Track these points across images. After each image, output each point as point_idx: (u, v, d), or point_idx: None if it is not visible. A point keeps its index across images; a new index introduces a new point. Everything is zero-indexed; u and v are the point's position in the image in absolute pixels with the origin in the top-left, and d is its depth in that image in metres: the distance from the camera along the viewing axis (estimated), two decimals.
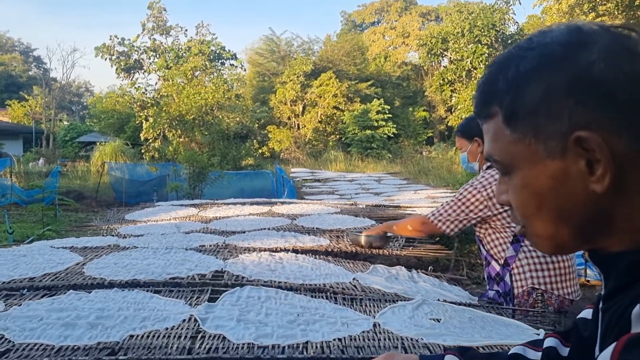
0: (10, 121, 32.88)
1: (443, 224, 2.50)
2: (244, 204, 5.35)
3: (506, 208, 0.69)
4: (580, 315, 0.82)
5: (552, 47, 0.61)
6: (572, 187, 0.60)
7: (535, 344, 0.86)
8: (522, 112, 0.62)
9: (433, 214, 2.54)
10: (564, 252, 0.71)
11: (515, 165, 0.64)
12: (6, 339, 1.50)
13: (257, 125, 26.27)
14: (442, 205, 2.55)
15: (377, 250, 3.21)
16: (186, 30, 29.31)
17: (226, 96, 22.93)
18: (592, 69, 0.58)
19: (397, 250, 3.24)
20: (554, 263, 2.32)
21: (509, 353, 0.88)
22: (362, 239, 3.20)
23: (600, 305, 0.66)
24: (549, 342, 0.84)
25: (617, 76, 0.58)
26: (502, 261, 2.43)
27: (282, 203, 5.46)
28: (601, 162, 0.58)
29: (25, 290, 2.01)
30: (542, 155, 0.61)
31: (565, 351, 0.82)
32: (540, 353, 0.84)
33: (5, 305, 1.80)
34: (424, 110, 31.47)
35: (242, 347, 1.50)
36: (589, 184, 0.59)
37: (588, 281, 4.98)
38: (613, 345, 0.55)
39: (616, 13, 19.86)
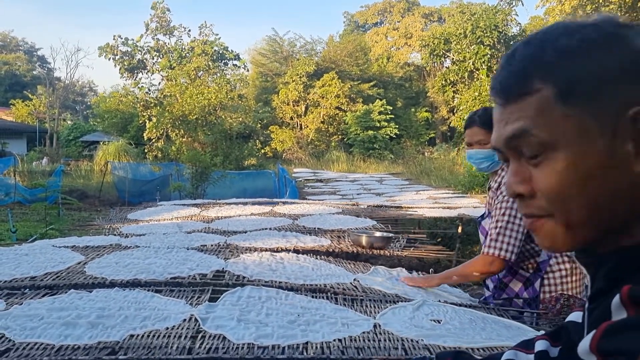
0: (14, 120, 32.94)
1: (506, 251, 2.26)
2: (245, 204, 5.36)
3: None
4: (569, 318, 0.82)
5: (605, 28, 0.62)
6: (616, 171, 0.60)
7: (527, 346, 0.85)
8: (578, 87, 0.60)
9: (492, 248, 2.29)
10: (580, 246, 0.65)
11: (561, 143, 0.61)
12: (7, 338, 1.51)
13: (259, 125, 26.27)
14: (490, 237, 2.32)
15: (378, 251, 3.21)
16: (189, 30, 29.38)
17: (229, 96, 22.94)
18: None
19: (398, 251, 3.24)
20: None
21: (502, 359, 0.87)
22: (364, 239, 3.20)
23: (587, 305, 0.66)
24: (540, 345, 0.83)
25: None
26: (532, 267, 2.37)
27: (284, 203, 5.47)
28: None
29: (27, 289, 2.02)
30: (594, 133, 0.60)
31: (555, 352, 0.81)
32: (532, 356, 0.83)
33: (7, 304, 1.81)
34: (426, 111, 31.44)
35: (242, 347, 1.50)
36: (634, 166, 0.59)
37: None
38: (593, 332, 0.56)
39: (619, 14, 19.82)
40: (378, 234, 3.48)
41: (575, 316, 0.81)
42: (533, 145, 0.63)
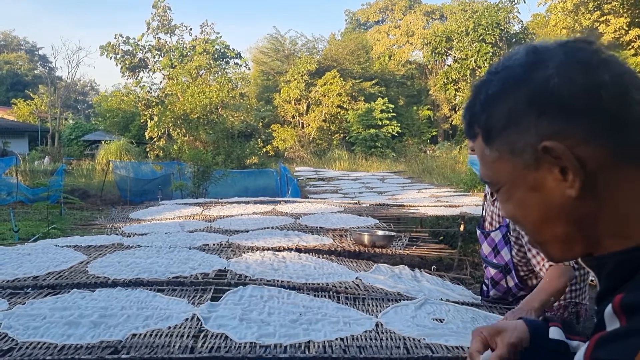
0: (16, 120, 32.96)
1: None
2: (247, 202, 5.36)
3: None
4: None
5: (513, 69, 0.67)
6: (552, 195, 0.64)
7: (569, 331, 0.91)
8: (495, 130, 0.67)
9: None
10: (566, 258, 0.71)
11: (500, 182, 0.69)
12: (10, 337, 1.51)
13: (261, 124, 26.27)
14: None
15: (380, 249, 3.21)
16: (191, 29, 29.34)
17: (230, 95, 22.94)
18: (548, 84, 0.63)
19: (400, 249, 3.24)
20: (588, 274, 2.23)
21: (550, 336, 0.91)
22: (366, 238, 3.20)
23: (595, 307, 0.68)
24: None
25: (571, 88, 0.62)
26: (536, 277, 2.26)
27: (286, 202, 5.47)
28: (569, 168, 0.62)
29: (29, 288, 2.02)
30: (520, 168, 0.65)
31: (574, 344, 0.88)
32: (575, 342, 0.88)
33: (9, 303, 1.81)
34: (428, 109, 31.40)
35: (244, 347, 1.51)
36: (565, 190, 0.63)
37: (592, 280, 4.96)
38: (586, 344, 0.59)
39: (621, 11, 19.77)
40: (380, 232, 3.48)
41: None
42: (490, 185, 0.73)
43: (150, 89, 27.56)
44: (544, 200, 0.65)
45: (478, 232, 2.52)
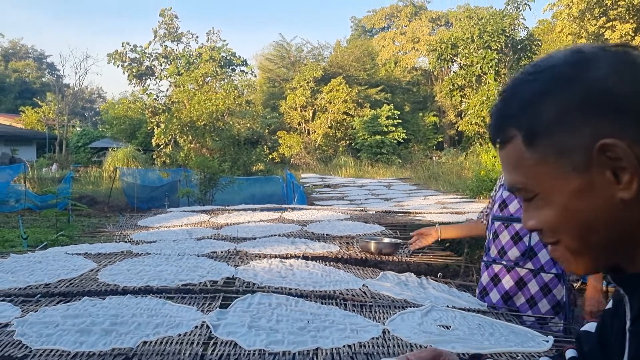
0: (24, 127, 33.24)
1: None
2: (254, 210, 5.39)
3: None
4: (583, 328, 0.83)
5: (561, 68, 0.64)
6: (600, 199, 0.62)
7: None
8: (541, 130, 0.64)
9: None
10: (594, 270, 0.69)
11: (540, 187, 0.66)
12: (24, 344, 1.54)
13: (267, 130, 26.36)
14: None
15: (387, 257, 3.22)
16: (197, 36, 29.56)
17: (237, 102, 23.06)
18: (605, 83, 0.61)
19: (406, 257, 3.25)
20: None
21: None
22: (372, 246, 3.22)
23: (628, 325, 0.67)
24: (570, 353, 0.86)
25: (628, 88, 0.61)
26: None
27: (293, 209, 5.49)
28: (627, 169, 0.60)
29: (41, 296, 2.05)
30: (567, 170, 0.63)
31: None
32: None
33: (22, 311, 1.84)
34: (433, 116, 31.40)
35: (254, 354, 1.53)
36: (616, 193, 0.61)
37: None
38: None
39: (627, 17, 19.73)
40: (387, 240, 3.49)
41: (590, 326, 0.82)
42: (522, 194, 0.69)
43: (157, 96, 27.79)
44: (591, 205, 0.63)
45: (495, 224, 2.51)
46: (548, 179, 0.64)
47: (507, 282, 2.41)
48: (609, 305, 0.77)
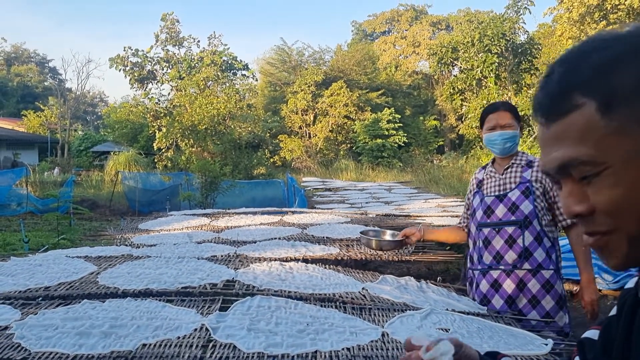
0: (26, 131, 33.31)
1: None
2: (255, 213, 5.39)
3: None
4: (585, 335, 0.81)
5: (633, 39, 0.61)
6: None
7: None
8: (620, 98, 0.58)
9: None
10: (635, 264, 0.63)
11: (613, 159, 0.59)
12: (23, 347, 1.54)
13: (268, 134, 26.39)
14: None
15: (387, 257, 3.22)
16: (199, 41, 29.62)
17: (238, 106, 23.08)
18: None
19: (407, 255, 3.25)
20: None
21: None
22: (374, 243, 3.21)
23: None
24: None
25: None
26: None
27: (293, 212, 5.50)
28: None
29: (41, 299, 2.05)
30: None
31: None
32: None
33: (22, 314, 1.85)
34: (434, 119, 31.43)
35: (253, 356, 1.53)
36: None
37: (600, 290, 4.92)
38: None
39: (627, 21, 19.75)
40: (389, 237, 3.48)
41: (592, 334, 0.80)
42: (583, 169, 0.61)
43: (159, 100, 27.83)
44: None
45: (484, 231, 2.50)
46: (622, 152, 0.58)
47: (509, 285, 2.40)
48: (613, 312, 0.75)
